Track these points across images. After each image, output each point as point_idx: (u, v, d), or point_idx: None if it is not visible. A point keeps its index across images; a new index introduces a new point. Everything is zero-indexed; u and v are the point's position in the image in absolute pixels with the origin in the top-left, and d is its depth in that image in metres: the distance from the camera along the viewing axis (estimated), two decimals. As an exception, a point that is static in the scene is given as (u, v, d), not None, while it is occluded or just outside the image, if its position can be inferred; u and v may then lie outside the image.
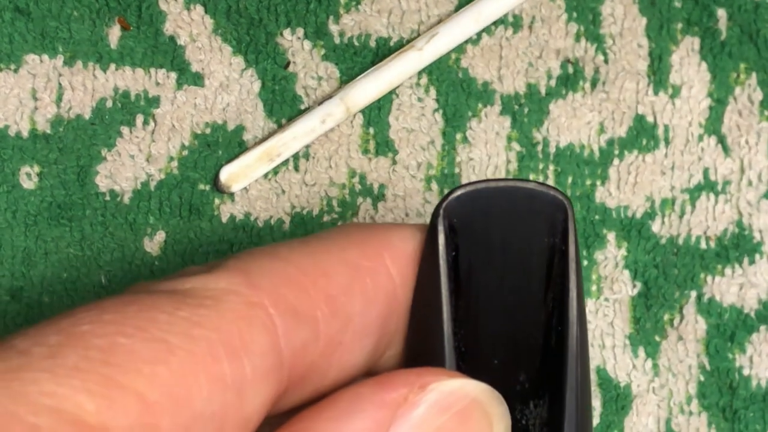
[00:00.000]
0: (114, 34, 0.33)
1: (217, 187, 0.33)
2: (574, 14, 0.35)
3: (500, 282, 0.19)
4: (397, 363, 0.20)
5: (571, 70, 0.34)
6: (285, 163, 0.33)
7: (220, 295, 0.17)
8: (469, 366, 0.18)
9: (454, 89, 0.34)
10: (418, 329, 0.19)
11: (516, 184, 0.19)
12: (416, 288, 0.19)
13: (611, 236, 0.34)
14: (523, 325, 0.19)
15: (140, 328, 0.16)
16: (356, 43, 0.34)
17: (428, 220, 0.33)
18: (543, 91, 0.34)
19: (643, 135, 0.34)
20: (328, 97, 0.33)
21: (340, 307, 0.18)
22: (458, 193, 0.19)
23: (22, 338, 0.16)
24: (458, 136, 0.34)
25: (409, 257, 0.19)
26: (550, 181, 0.34)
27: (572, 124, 0.34)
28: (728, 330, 0.34)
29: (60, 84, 0.33)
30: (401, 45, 0.34)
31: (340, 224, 0.20)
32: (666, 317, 0.34)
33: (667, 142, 0.34)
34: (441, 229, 0.18)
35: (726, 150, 0.35)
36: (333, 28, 0.34)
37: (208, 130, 0.33)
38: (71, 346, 0.15)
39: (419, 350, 0.19)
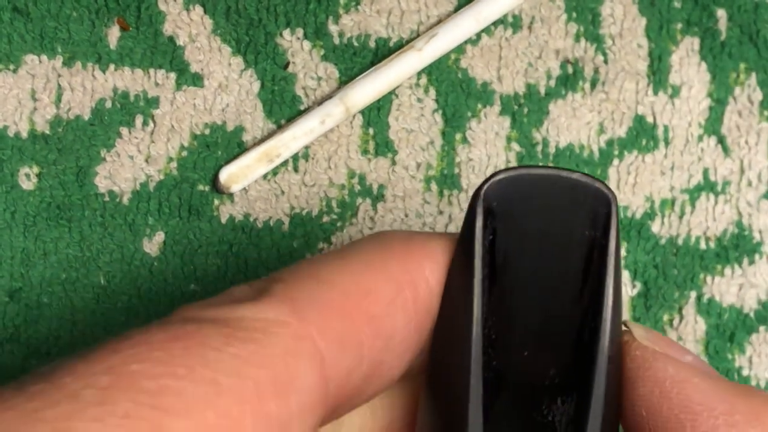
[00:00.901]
0: (113, 34, 0.33)
1: (217, 188, 0.33)
2: (574, 14, 0.35)
3: (536, 271, 0.19)
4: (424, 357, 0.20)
5: (570, 70, 0.34)
6: (284, 163, 0.33)
7: (268, 327, 0.17)
8: (497, 354, 0.18)
9: (454, 89, 0.34)
10: (448, 314, 0.19)
11: (560, 172, 0.18)
12: (450, 272, 0.19)
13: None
14: (557, 318, 0.18)
15: (190, 367, 0.16)
16: (356, 44, 0.34)
17: (427, 221, 0.33)
18: (542, 91, 0.34)
19: (642, 135, 0.34)
20: (328, 97, 0.33)
21: (382, 327, 0.18)
22: (500, 176, 0.18)
23: (71, 377, 0.15)
24: (458, 136, 0.34)
25: (447, 266, 0.19)
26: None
27: (572, 124, 0.34)
28: (728, 330, 0.34)
29: (59, 84, 0.33)
30: (401, 45, 0.34)
31: (378, 232, 0.20)
32: (666, 317, 0.34)
33: (667, 142, 0.34)
34: (479, 210, 0.18)
35: (726, 150, 0.35)
36: (332, 28, 0.34)
37: (207, 131, 0.33)
38: (122, 389, 0.15)
39: (447, 335, 0.19)
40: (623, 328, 0.19)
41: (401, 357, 0.19)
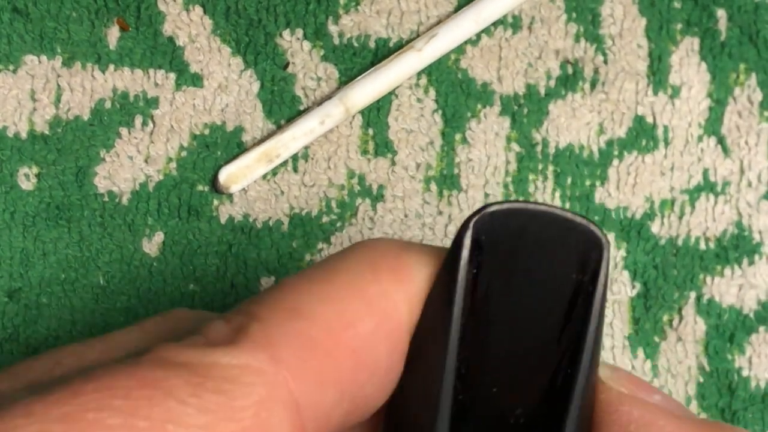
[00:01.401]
0: (113, 34, 0.33)
1: (216, 188, 0.33)
2: (574, 15, 0.34)
3: (517, 309, 0.18)
4: None
5: (570, 70, 0.34)
6: (284, 164, 0.33)
7: (241, 377, 0.16)
8: (465, 387, 0.18)
9: (454, 90, 0.34)
10: (423, 341, 0.18)
11: (555, 211, 0.18)
12: (429, 299, 0.18)
13: (611, 237, 0.34)
14: (531, 358, 0.18)
15: (151, 420, 0.15)
16: (355, 44, 0.34)
17: (426, 222, 0.33)
18: (542, 91, 0.34)
19: (642, 136, 0.34)
20: (328, 97, 0.33)
21: (365, 360, 0.18)
22: (492, 209, 0.18)
23: (25, 419, 0.15)
24: (457, 136, 0.34)
25: (430, 284, 0.19)
26: (549, 182, 0.34)
27: (572, 124, 0.34)
28: (727, 331, 0.34)
29: (58, 85, 0.33)
30: (400, 46, 0.34)
31: (365, 244, 0.19)
32: (665, 318, 0.34)
33: (667, 142, 0.34)
34: (467, 242, 0.18)
35: (726, 151, 0.35)
36: (332, 28, 0.34)
37: (206, 131, 0.33)
38: None
39: (418, 363, 0.18)
40: None
41: (384, 387, 0.18)
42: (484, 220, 0.18)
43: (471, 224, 0.18)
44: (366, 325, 0.18)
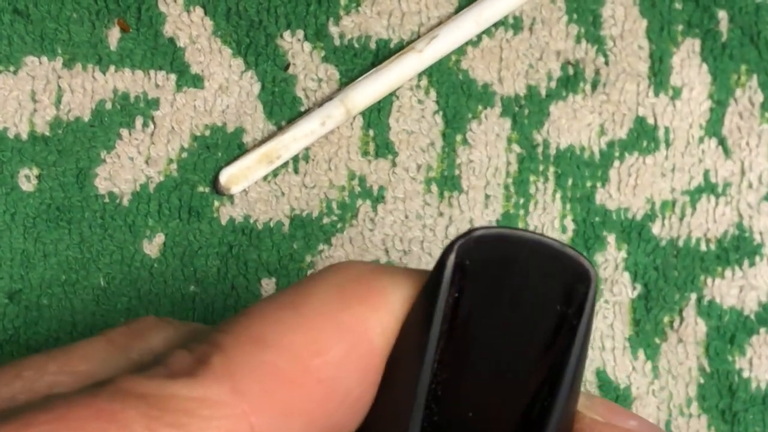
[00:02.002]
0: (113, 35, 0.33)
1: (217, 189, 0.33)
2: (575, 16, 0.34)
3: (498, 336, 0.18)
4: None
5: (571, 71, 0.34)
6: (284, 165, 0.33)
7: (199, 410, 0.16)
8: (441, 410, 0.17)
9: (454, 91, 0.34)
10: (397, 362, 0.18)
11: (543, 240, 0.17)
12: (407, 321, 0.18)
13: (611, 238, 0.34)
14: (510, 386, 0.17)
15: None
16: (356, 45, 0.34)
17: (427, 223, 0.33)
18: (543, 92, 0.34)
19: (643, 137, 0.34)
20: (328, 98, 0.33)
21: (335, 388, 0.17)
22: (479, 233, 0.17)
23: None
24: (458, 137, 0.34)
25: (408, 307, 0.18)
26: (550, 184, 0.34)
27: (572, 125, 0.34)
28: (728, 332, 0.34)
29: (59, 86, 0.33)
30: (401, 47, 0.34)
31: (337, 266, 0.18)
32: (666, 319, 0.34)
33: (668, 144, 0.34)
34: (449, 265, 0.17)
35: (726, 152, 0.34)
36: (333, 29, 0.34)
37: (207, 132, 0.33)
38: None
39: (392, 386, 0.18)
40: None
41: (355, 414, 0.18)
42: (470, 244, 0.17)
43: (455, 247, 0.17)
44: (335, 353, 0.17)
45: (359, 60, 0.34)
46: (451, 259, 0.17)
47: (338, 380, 0.17)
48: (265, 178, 0.33)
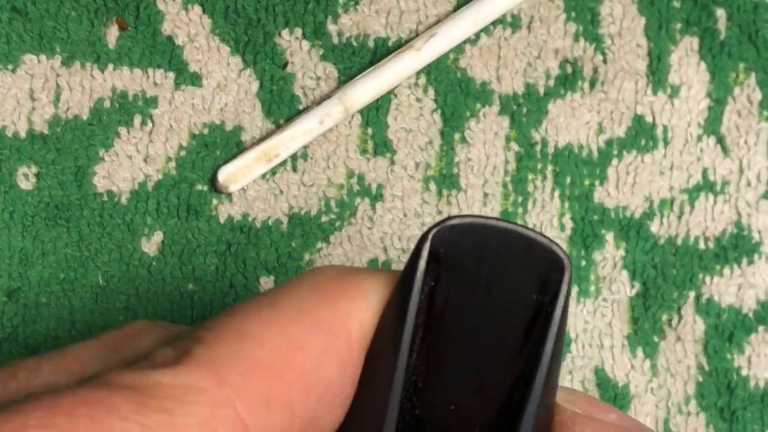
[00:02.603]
0: (112, 34, 0.33)
1: (215, 188, 0.33)
2: (573, 14, 0.34)
3: (476, 326, 0.18)
4: None
5: (569, 70, 0.34)
6: (283, 163, 0.33)
7: (184, 395, 0.16)
8: (422, 402, 0.17)
9: (453, 89, 0.34)
10: (375, 355, 0.18)
11: (517, 228, 0.17)
12: (383, 315, 0.18)
13: (610, 236, 0.34)
14: (489, 376, 0.17)
15: None
16: (354, 43, 0.34)
17: (425, 221, 0.33)
18: (542, 91, 0.34)
19: (641, 135, 0.34)
20: (327, 97, 0.33)
21: (315, 381, 0.17)
22: (453, 222, 0.17)
23: None
24: (457, 136, 0.34)
25: (385, 301, 0.18)
26: (548, 182, 0.34)
27: (571, 124, 0.34)
28: (727, 330, 0.34)
29: (58, 84, 0.33)
30: (399, 45, 0.34)
31: (314, 269, 0.19)
32: (664, 317, 0.34)
33: (666, 142, 0.34)
34: (424, 254, 0.17)
35: (725, 150, 0.35)
36: (331, 28, 0.34)
37: (206, 131, 0.33)
38: None
39: (370, 379, 0.18)
40: None
41: (337, 408, 0.18)
42: (444, 233, 0.17)
43: (429, 236, 0.17)
44: (315, 346, 0.17)
45: (357, 58, 0.34)
46: (426, 247, 0.17)
47: (318, 373, 0.17)
48: (263, 176, 0.33)
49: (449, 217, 0.17)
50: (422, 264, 0.17)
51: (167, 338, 0.19)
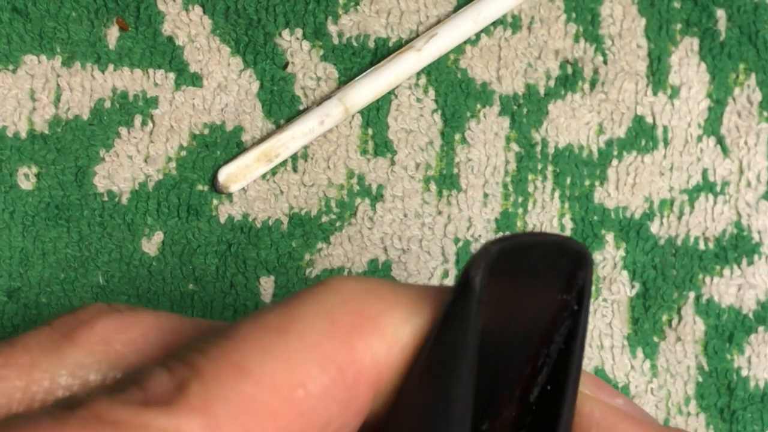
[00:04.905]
0: (112, 34, 0.33)
1: (216, 188, 0.33)
2: (573, 15, 0.34)
3: (500, 329, 0.18)
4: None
5: (570, 70, 0.34)
6: (283, 163, 0.33)
7: None
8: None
9: (453, 90, 0.34)
10: (417, 384, 0.17)
11: (549, 238, 0.17)
12: (423, 348, 0.17)
13: (610, 237, 0.34)
14: (502, 373, 0.17)
15: None
16: (355, 44, 0.34)
17: (426, 221, 0.33)
18: (542, 91, 0.34)
19: (642, 136, 0.34)
20: (327, 97, 0.33)
21: (314, 420, 0.16)
22: (500, 246, 0.17)
23: None
24: (457, 136, 0.34)
25: (408, 335, 0.17)
26: (549, 182, 0.34)
27: (571, 124, 0.34)
28: (727, 331, 0.34)
29: (58, 84, 0.33)
30: (400, 45, 0.34)
31: (330, 283, 0.18)
32: (664, 318, 0.34)
33: (666, 142, 0.34)
34: (476, 296, 0.17)
35: (725, 151, 0.35)
36: (332, 28, 0.34)
37: (206, 131, 0.33)
38: None
39: (418, 414, 0.17)
40: None
41: None
42: (490, 258, 0.17)
43: (482, 265, 0.17)
44: (318, 385, 0.16)
45: (358, 59, 0.34)
46: (478, 280, 0.17)
47: (319, 412, 0.17)
48: (263, 176, 0.33)
49: (494, 242, 0.17)
50: (475, 313, 0.17)
51: (127, 325, 0.19)
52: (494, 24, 0.34)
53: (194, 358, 0.17)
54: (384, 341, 0.17)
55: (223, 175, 0.32)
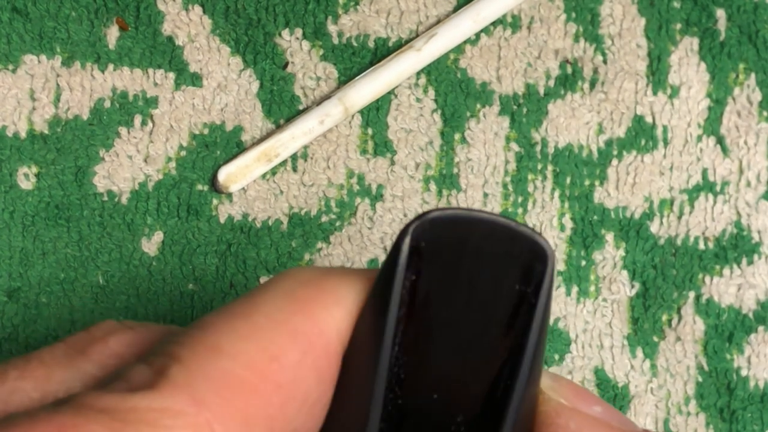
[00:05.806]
0: (112, 34, 0.33)
1: (215, 188, 0.33)
2: (573, 14, 0.34)
3: (459, 317, 0.18)
4: None
5: (569, 70, 0.34)
6: (283, 163, 0.33)
7: (161, 419, 0.16)
8: (404, 393, 0.17)
9: (453, 89, 0.34)
10: (355, 352, 0.18)
11: (499, 219, 0.17)
12: (364, 309, 0.18)
13: (610, 236, 0.34)
14: (472, 367, 0.17)
15: None
16: (355, 44, 0.34)
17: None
18: (542, 91, 0.34)
19: (641, 135, 0.34)
20: (327, 97, 0.33)
21: (293, 392, 0.17)
22: (434, 215, 0.17)
23: None
24: (457, 136, 0.34)
25: (361, 307, 0.18)
26: (548, 182, 0.34)
27: (571, 124, 0.34)
28: (726, 331, 0.34)
29: (58, 84, 0.33)
30: (400, 45, 0.34)
31: (287, 273, 0.19)
32: (664, 318, 0.34)
33: (666, 142, 0.34)
34: (404, 248, 0.17)
35: (725, 150, 0.35)
36: (331, 28, 0.34)
37: (206, 131, 0.33)
38: None
39: (351, 375, 0.18)
40: None
41: (317, 416, 0.18)
42: (425, 227, 0.17)
43: (410, 230, 0.17)
44: (291, 357, 0.17)
45: (358, 58, 0.34)
46: (406, 242, 0.17)
47: (296, 384, 0.17)
48: (263, 176, 0.33)
49: (429, 211, 0.17)
50: (403, 259, 0.17)
51: (139, 341, 0.19)
52: (494, 24, 0.34)
53: (169, 348, 0.17)
54: (343, 307, 0.18)
55: (223, 175, 0.32)
